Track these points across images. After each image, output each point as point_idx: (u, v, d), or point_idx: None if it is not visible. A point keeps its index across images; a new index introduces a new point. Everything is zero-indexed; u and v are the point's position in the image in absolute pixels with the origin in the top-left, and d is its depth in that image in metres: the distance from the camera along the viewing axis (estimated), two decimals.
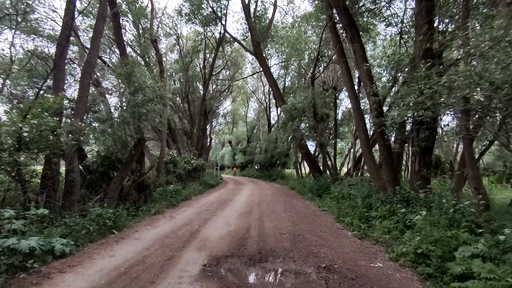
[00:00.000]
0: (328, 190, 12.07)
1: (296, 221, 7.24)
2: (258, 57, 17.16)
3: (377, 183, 7.68)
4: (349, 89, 8.76)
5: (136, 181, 9.42)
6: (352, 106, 8.68)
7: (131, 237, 5.57)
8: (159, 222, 7.09)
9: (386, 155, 7.25)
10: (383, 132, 7.20)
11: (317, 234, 5.86)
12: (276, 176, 25.97)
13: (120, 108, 8.65)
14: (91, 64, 8.18)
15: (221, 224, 6.84)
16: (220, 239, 5.48)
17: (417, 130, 6.22)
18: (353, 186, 9.64)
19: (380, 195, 7.13)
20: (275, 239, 5.47)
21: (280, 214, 8.18)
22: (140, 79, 8.45)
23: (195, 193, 12.91)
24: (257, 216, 7.82)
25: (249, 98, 40.99)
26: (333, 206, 9.08)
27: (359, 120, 8.42)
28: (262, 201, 10.99)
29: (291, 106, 13.30)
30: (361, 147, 8.57)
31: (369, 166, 8.02)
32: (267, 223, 6.90)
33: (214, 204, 10.14)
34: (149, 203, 8.76)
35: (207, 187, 16.31)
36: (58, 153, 6.05)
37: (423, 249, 4.03)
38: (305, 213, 8.40)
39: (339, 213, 7.79)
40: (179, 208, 9.29)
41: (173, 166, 14.36)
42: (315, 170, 15.39)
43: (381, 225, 5.99)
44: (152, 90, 8.61)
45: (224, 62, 24.24)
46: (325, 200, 10.59)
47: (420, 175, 6.41)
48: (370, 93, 7.32)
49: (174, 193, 10.85)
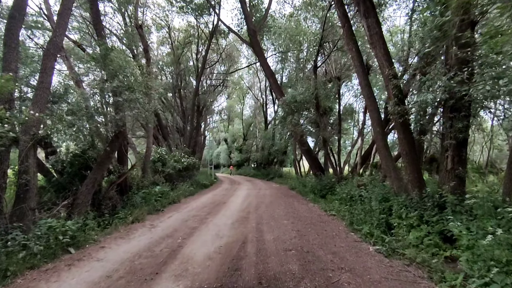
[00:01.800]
0: (333, 190, 10.89)
1: (302, 230, 6.02)
2: (254, 47, 15.87)
3: (396, 184, 6.49)
4: (361, 75, 7.54)
5: (113, 183, 8.12)
6: (364, 94, 7.47)
7: (92, 258, 4.30)
8: (135, 233, 5.81)
9: (408, 150, 6.06)
10: (406, 123, 6.01)
11: (331, 250, 4.64)
12: (273, 174, 24.77)
13: (93, 97, 7.33)
14: (56, 45, 6.81)
15: (210, 235, 5.60)
16: (207, 259, 4.24)
17: (451, 118, 5.04)
18: (364, 187, 8.46)
19: (401, 198, 5.95)
20: (279, 258, 4.24)
21: (281, 221, 6.97)
22: (117, 63, 7.14)
23: (185, 195, 11.64)
24: (254, 224, 6.59)
25: (245, 95, 39.71)
26: (342, 210, 7.90)
27: (372, 110, 7.21)
28: (260, 204, 9.77)
29: (291, 99, 12.06)
30: (375, 142, 7.37)
31: (386, 164, 6.83)
32: (267, 234, 5.67)
33: (206, 208, 8.89)
34: (128, 209, 7.47)
35: (200, 187, 15.04)
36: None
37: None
38: (310, 219, 7.20)
39: (351, 219, 6.60)
40: (164, 214, 8.02)
41: (161, 165, 13.08)
42: (316, 168, 14.19)
43: (409, 236, 4.81)
44: (130, 75, 7.30)
45: (219, 56, 22.88)
46: (331, 202, 9.40)
47: (453, 174, 5.24)
48: (389, 76, 6.11)
49: (160, 195, 9.57)
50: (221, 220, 7.09)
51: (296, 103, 11.98)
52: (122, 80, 7.15)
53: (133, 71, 7.27)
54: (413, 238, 4.70)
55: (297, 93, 11.54)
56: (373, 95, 7.48)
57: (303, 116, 13.13)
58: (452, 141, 5.05)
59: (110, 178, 8.83)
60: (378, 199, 6.67)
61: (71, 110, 7.24)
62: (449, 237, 4.50)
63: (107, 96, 7.40)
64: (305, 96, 11.58)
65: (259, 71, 31.35)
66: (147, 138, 12.10)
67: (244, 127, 40.69)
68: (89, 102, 7.61)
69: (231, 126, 48.92)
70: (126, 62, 7.48)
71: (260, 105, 33.51)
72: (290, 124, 12.36)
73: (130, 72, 7.24)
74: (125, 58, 8.39)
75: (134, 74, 7.20)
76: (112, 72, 7.17)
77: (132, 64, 7.50)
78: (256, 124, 37.85)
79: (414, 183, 5.92)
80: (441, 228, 4.64)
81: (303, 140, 14.35)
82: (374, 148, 10.13)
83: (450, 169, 5.29)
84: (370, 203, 7.14)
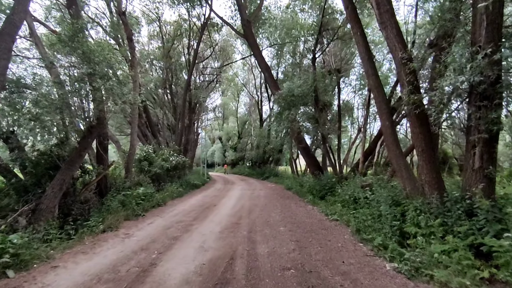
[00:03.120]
0: (333, 191, 10.05)
1: (302, 240, 5.14)
2: (249, 38, 14.91)
3: (409, 185, 5.65)
4: (367, 62, 6.68)
5: (88, 184, 7.14)
6: (371, 84, 6.61)
7: (36, 283, 3.36)
8: (104, 246, 4.86)
9: (425, 147, 5.22)
10: (423, 115, 5.16)
11: (339, 269, 3.76)
12: (269, 174, 23.88)
13: (60, 85, 6.32)
14: (14, 24, 5.82)
15: (193, 248, 4.68)
16: (183, 283, 3.33)
17: (481, 108, 4.21)
18: (369, 188, 7.63)
19: (416, 202, 5.11)
20: (275, 282, 3.35)
21: (278, 228, 6.08)
22: (87, 46, 6.15)
23: (173, 197, 10.68)
24: (246, 232, 5.68)
25: (239, 92, 38.74)
26: (345, 214, 7.06)
27: (381, 101, 6.36)
28: (254, 207, 8.88)
29: (288, 92, 11.16)
30: (384, 137, 6.52)
31: (396, 162, 5.98)
32: (260, 246, 4.78)
33: (193, 212, 7.96)
34: (102, 214, 6.50)
35: (190, 188, 14.07)
36: None
37: None
38: (310, 225, 6.33)
39: (358, 225, 5.74)
40: (145, 219, 7.07)
41: (148, 164, 12.10)
42: (314, 167, 13.34)
43: (431, 249, 3.96)
44: (103, 60, 6.30)
45: (211, 50, 21.86)
46: (332, 204, 8.56)
47: (482, 174, 4.41)
48: (403, 59, 5.26)
49: (143, 198, 8.61)
50: (208, 227, 6.17)
51: (293, 97, 11.09)
52: (93, 66, 6.16)
53: (107, 55, 6.27)
54: (438, 253, 3.85)
55: (294, 86, 10.65)
56: (381, 85, 6.62)
57: (300, 112, 12.25)
58: (483, 135, 4.20)
59: (86, 178, 7.87)
60: (388, 203, 5.83)
61: (35, 100, 6.23)
62: (482, 252, 3.68)
63: (76, 84, 6.40)
64: (303, 89, 10.69)
65: (254, 68, 30.45)
66: (131, 134, 11.10)
67: (239, 125, 39.73)
68: (64, 91, 6.60)
69: (225, 124, 47.91)
70: (98, 46, 6.49)
71: (255, 103, 32.62)
72: (287, 120, 11.47)
73: (104, 57, 6.24)
74: (99, 42, 7.41)
75: (108, 59, 6.20)
76: (81, 57, 6.18)
77: (107, 48, 6.50)
78: (251, 122, 36.92)
79: (432, 184, 5.08)
80: (473, 240, 3.80)
81: (300, 138, 13.48)
82: (378, 145, 9.30)
83: (478, 168, 4.44)
84: (379, 207, 6.30)
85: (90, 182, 7.08)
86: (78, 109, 6.31)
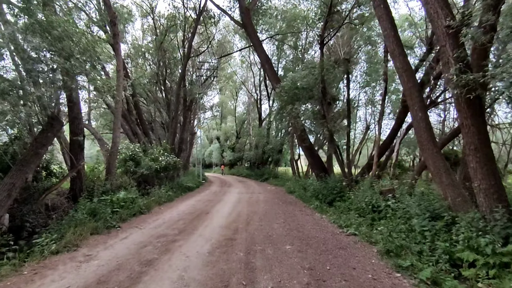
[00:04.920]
0: (343, 196, 8.81)
1: (316, 266, 3.87)
2: (247, 27, 13.65)
3: (452, 193, 4.40)
4: (392, 40, 5.42)
5: (48, 189, 5.82)
6: (399, 66, 5.33)
7: None
8: (47, 277, 3.55)
9: (479, 143, 3.96)
10: (477, 101, 3.91)
11: None
12: (268, 175, 22.57)
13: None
14: None
15: (169, 281, 3.39)
16: None
17: None
18: (391, 194, 6.37)
19: (467, 216, 3.86)
20: None
21: (283, 245, 4.81)
22: (40, 11, 4.87)
23: (160, 202, 9.36)
24: (243, 254, 4.40)
25: (238, 90, 37.47)
26: (363, 225, 5.80)
27: (412, 87, 5.10)
28: (252, 215, 7.60)
29: (291, 84, 9.89)
30: (416, 132, 5.25)
31: (433, 163, 4.73)
32: (262, 277, 3.49)
33: (180, 222, 6.67)
34: (62, 227, 5.18)
35: (182, 191, 12.75)
36: None
37: None
38: (324, 243, 5.05)
39: (387, 244, 4.45)
40: (119, 232, 5.75)
41: (134, 165, 10.80)
42: (319, 168, 12.10)
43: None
44: (65, 35, 5.01)
45: (208, 43, 20.56)
46: (344, 212, 7.30)
47: None
48: (450, 29, 4.01)
49: (123, 204, 7.31)
50: (195, 245, 4.88)
51: (297, 90, 9.82)
52: (51, 40, 4.87)
53: (68, 27, 4.97)
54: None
55: (299, 76, 9.39)
56: (411, 67, 5.37)
57: (304, 107, 10.98)
58: None
59: (54, 181, 6.57)
60: (424, 216, 4.57)
61: None
62: None
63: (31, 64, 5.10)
64: (309, 81, 9.43)
65: (253, 65, 29.20)
66: (113, 130, 9.78)
67: (237, 125, 38.44)
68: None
69: (223, 123, 46.59)
70: (61, 20, 5.19)
71: (254, 101, 31.35)
72: (290, 116, 10.20)
73: (65, 28, 4.95)
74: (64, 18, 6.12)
75: (66, 28, 4.89)
76: (33, 25, 4.88)
77: (71, 18, 5.21)
78: (249, 121, 35.61)
79: (490, 193, 3.83)
80: None
81: (303, 136, 12.23)
82: (396, 143, 8.03)
83: None
84: (407, 219, 5.07)
85: (52, 187, 5.77)
86: (32, 95, 5.00)
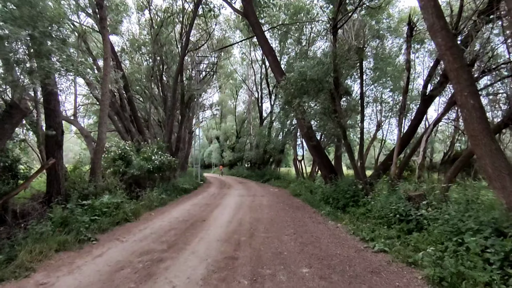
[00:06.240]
0: (358, 201, 7.74)
1: None
2: (249, 16, 12.59)
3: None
4: (432, 10, 4.35)
5: (4, 195, 4.73)
6: (440, 43, 4.21)
7: None
8: None
9: None
10: None
11: None
12: (269, 176, 21.45)
13: None
14: None
15: None
16: None
17: None
18: (420, 200, 5.30)
19: None
20: None
21: (298, 268, 3.74)
22: None
23: (151, 207, 8.28)
24: (248, 281, 3.32)
25: (238, 88, 36.38)
26: (395, 240, 4.74)
27: (458, 68, 3.99)
28: (256, 223, 6.53)
29: (298, 76, 8.83)
30: (466, 123, 4.17)
31: (491, 163, 3.67)
32: None
33: (171, 233, 5.60)
34: (17, 243, 4.10)
35: (178, 193, 11.67)
36: None
37: None
38: (349, 264, 3.98)
39: (438, 271, 3.37)
40: (93, 248, 4.67)
41: (124, 165, 9.74)
42: (327, 169, 11.05)
43: None
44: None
45: (207, 36, 19.51)
46: (362, 220, 6.24)
47: None
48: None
49: (105, 210, 6.24)
50: (185, 266, 3.81)
51: (305, 82, 8.76)
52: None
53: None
54: None
55: (307, 66, 8.33)
56: (457, 44, 4.31)
57: (313, 101, 9.90)
58: None
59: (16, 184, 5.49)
60: (484, 232, 3.51)
61: None
62: None
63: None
64: (318, 70, 8.37)
65: (253, 62, 28.17)
66: (98, 125, 8.71)
67: (237, 124, 37.35)
68: None
69: (223, 123, 45.47)
70: None
71: (254, 100, 30.29)
72: (297, 111, 9.13)
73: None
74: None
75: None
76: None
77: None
78: (250, 120, 34.53)
79: None
80: None
81: (310, 134, 11.17)
82: (423, 141, 6.97)
83: None
84: (452, 232, 4.01)
85: (9, 194, 4.68)
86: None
